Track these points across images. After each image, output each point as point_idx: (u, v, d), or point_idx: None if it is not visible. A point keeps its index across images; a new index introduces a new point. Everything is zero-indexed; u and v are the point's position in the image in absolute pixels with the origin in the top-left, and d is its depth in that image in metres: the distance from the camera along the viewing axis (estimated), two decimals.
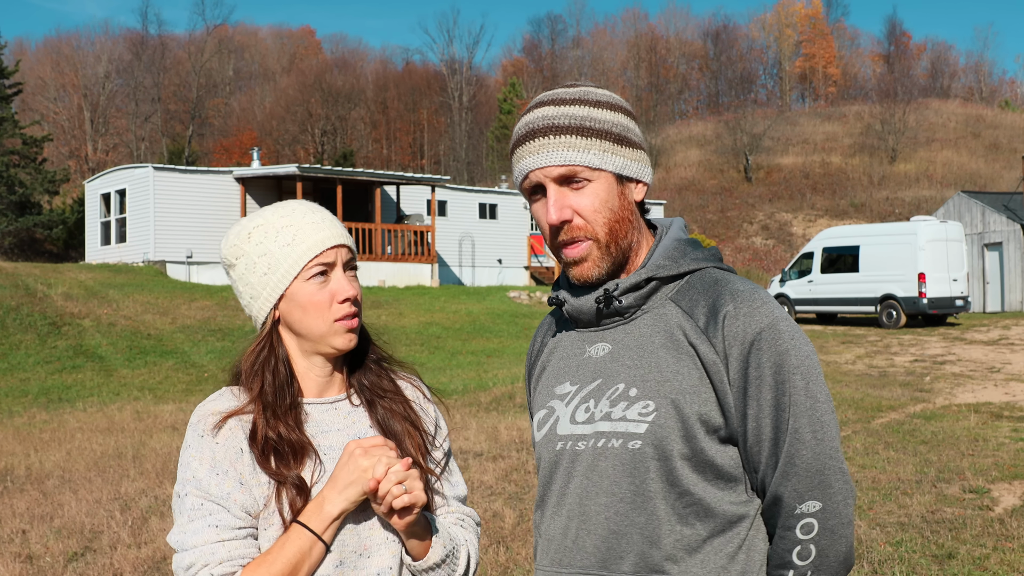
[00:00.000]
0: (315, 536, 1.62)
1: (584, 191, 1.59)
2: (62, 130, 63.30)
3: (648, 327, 1.63)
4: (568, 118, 1.59)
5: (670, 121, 72.86)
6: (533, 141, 1.60)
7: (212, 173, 28.69)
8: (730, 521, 1.56)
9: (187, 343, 18.04)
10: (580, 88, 1.65)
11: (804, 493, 1.53)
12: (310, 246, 1.71)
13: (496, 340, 19.44)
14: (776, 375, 1.54)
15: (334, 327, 1.72)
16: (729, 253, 43.80)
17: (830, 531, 1.53)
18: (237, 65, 79.18)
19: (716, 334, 1.56)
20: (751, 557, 1.57)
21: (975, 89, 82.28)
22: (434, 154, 72.64)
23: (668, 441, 1.55)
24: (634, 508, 1.56)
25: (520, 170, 1.63)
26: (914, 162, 55.01)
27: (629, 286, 1.62)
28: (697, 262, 1.66)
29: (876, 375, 14.93)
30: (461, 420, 10.81)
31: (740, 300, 1.57)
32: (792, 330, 1.58)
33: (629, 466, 1.57)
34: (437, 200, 30.52)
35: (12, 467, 9.00)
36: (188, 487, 1.65)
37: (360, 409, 1.82)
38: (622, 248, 1.63)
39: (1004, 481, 7.53)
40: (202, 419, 1.70)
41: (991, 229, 32.39)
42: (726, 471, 1.57)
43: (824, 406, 1.55)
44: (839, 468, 1.55)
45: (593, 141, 1.59)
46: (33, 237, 40.43)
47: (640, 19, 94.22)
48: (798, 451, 1.53)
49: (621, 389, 1.60)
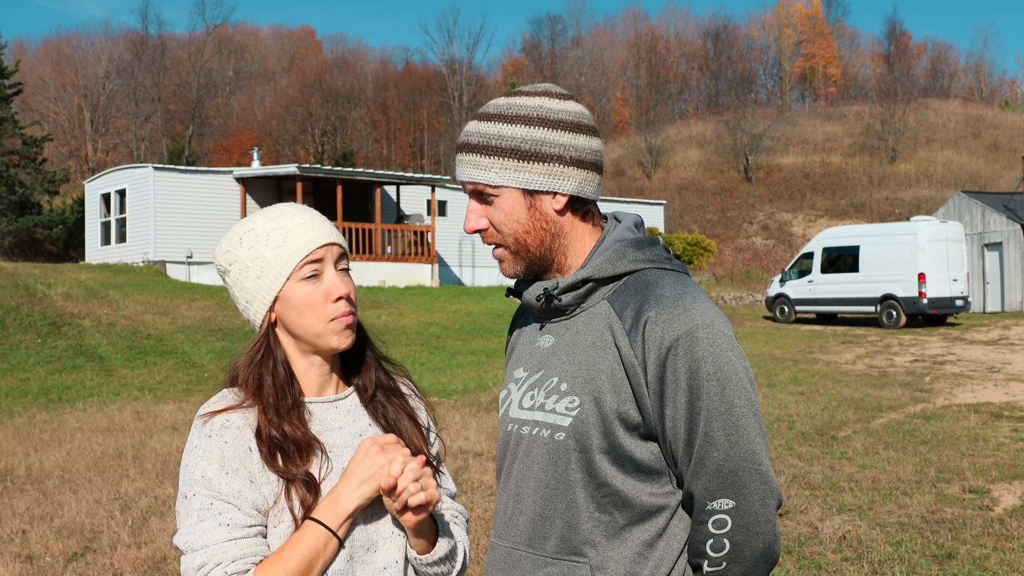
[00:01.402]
0: (330, 532, 1.64)
1: (494, 205, 1.72)
2: (62, 130, 63.30)
3: (584, 325, 1.72)
4: (478, 136, 1.70)
5: (670, 121, 72.86)
6: (457, 154, 1.75)
7: (212, 173, 28.69)
8: (648, 511, 1.65)
9: (187, 343, 18.04)
10: (511, 99, 1.72)
11: (715, 492, 1.61)
12: (300, 246, 1.73)
13: (496, 340, 19.44)
14: (690, 380, 1.60)
15: (329, 326, 1.73)
16: (729, 253, 43.81)
17: (744, 528, 1.61)
18: (237, 65, 79.19)
19: (637, 338, 1.63)
20: (670, 544, 1.66)
21: (975, 89, 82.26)
22: (434, 154, 72.64)
23: (588, 436, 1.65)
24: (557, 494, 1.68)
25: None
26: (914, 162, 55.00)
27: (567, 286, 1.71)
28: (635, 263, 1.72)
29: (876, 375, 14.93)
30: (461, 420, 10.81)
31: (663, 307, 1.63)
32: (712, 337, 1.62)
33: (554, 455, 1.69)
34: (437, 200, 30.52)
35: (12, 467, 9.00)
36: (196, 487, 1.65)
37: (360, 408, 1.83)
38: (534, 255, 1.73)
39: (1004, 481, 7.54)
40: (208, 420, 1.70)
41: (991, 229, 32.39)
42: (646, 465, 1.66)
43: (741, 411, 1.61)
44: (755, 469, 1.61)
45: (495, 160, 1.68)
46: (33, 237, 40.43)
47: (640, 19, 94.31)
48: (708, 453, 1.60)
49: (555, 382, 1.71)
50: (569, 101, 1.73)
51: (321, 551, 1.63)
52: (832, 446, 9.12)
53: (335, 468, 1.72)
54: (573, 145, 1.70)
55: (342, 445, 1.76)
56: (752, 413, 1.63)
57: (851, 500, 7.01)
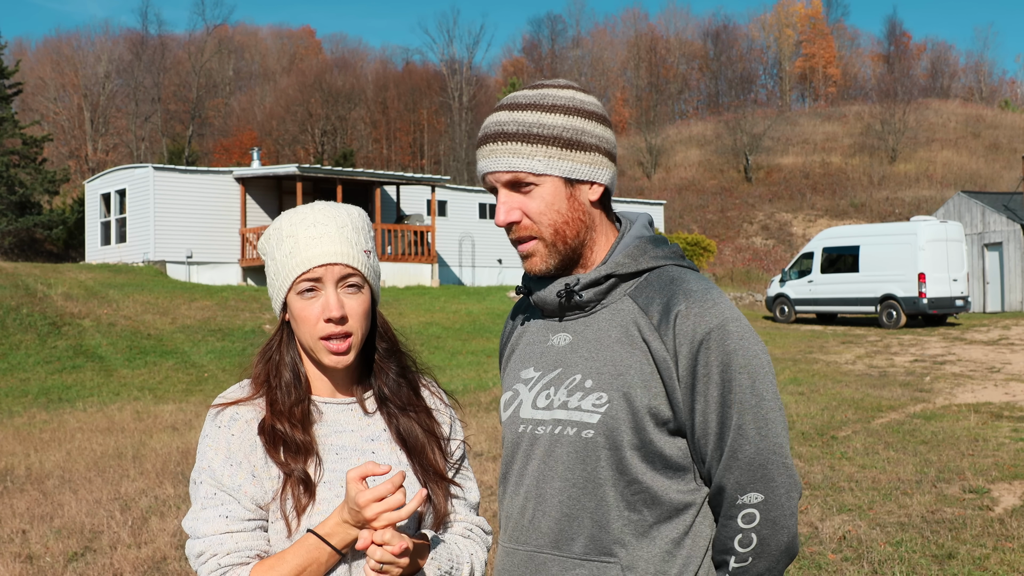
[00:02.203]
0: (334, 550, 1.66)
1: (532, 195, 1.67)
2: (62, 130, 63.28)
3: (606, 321, 1.70)
4: (516, 124, 1.66)
5: (670, 121, 72.85)
6: (486, 146, 1.69)
7: (212, 173, 28.69)
8: (677, 508, 1.65)
9: (187, 343, 18.04)
10: (540, 90, 1.70)
11: (746, 485, 1.61)
12: (300, 262, 1.72)
13: (496, 340, 19.42)
14: (723, 373, 1.61)
15: (318, 344, 1.73)
16: (729, 253, 43.81)
17: (771, 522, 1.61)
18: (237, 65, 79.17)
19: (668, 332, 1.63)
20: (696, 542, 1.65)
21: (975, 89, 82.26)
22: (434, 154, 72.62)
23: (619, 432, 1.63)
24: (585, 493, 1.65)
25: (478, 171, 1.73)
26: (914, 162, 55.01)
27: (589, 282, 1.70)
28: (656, 260, 1.72)
29: (876, 375, 14.93)
30: (461, 420, 10.81)
31: (692, 300, 1.64)
32: (741, 331, 1.64)
33: (582, 454, 1.66)
34: (437, 200, 30.51)
35: (12, 467, 9.00)
36: (204, 475, 1.71)
37: (377, 415, 1.82)
38: (571, 246, 1.70)
39: (1004, 481, 7.53)
40: (220, 411, 1.75)
41: (991, 229, 32.39)
42: (674, 461, 1.65)
43: (770, 404, 1.62)
44: (782, 463, 1.62)
45: (538, 148, 1.65)
46: (33, 237, 40.42)
47: (640, 19, 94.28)
48: (741, 446, 1.61)
49: (578, 379, 1.69)
50: (592, 95, 1.73)
51: (323, 565, 1.67)
52: (832, 446, 9.12)
53: (338, 471, 1.73)
54: (605, 137, 1.71)
55: (351, 448, 1.76)
56: (778, 407, 1.64)
57: (851, 500, 7.01)
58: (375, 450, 1.78)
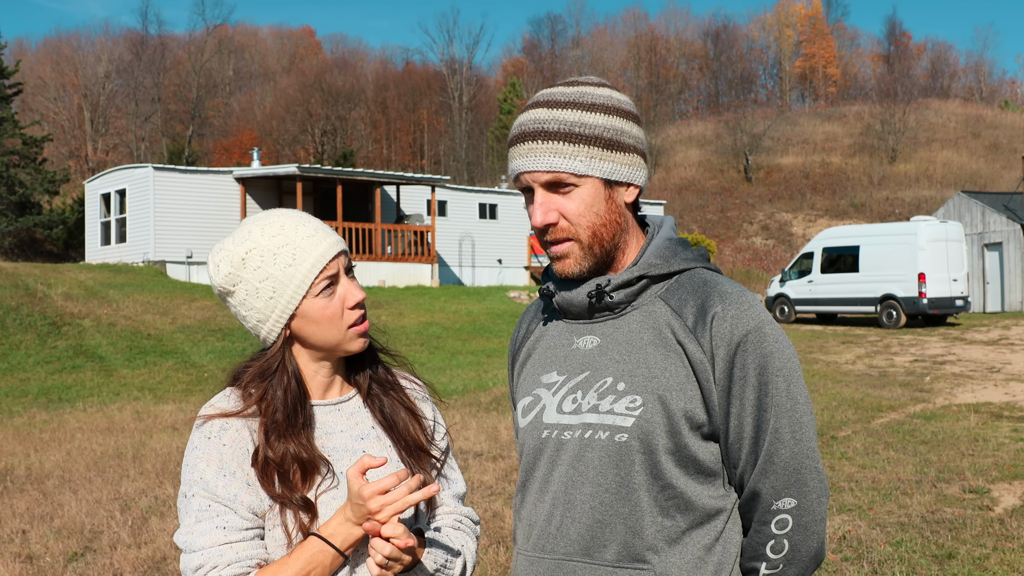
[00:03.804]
0: (337, 552, 1.66)
1: (570, 196, 1.63)
2: (62, 130, 63.27)
3: (637, 323, 1.67)
4: (558, 123, 1.61)
5: (670, 121, 72.85)
6: (523, 144, 1.63)
7: (212, 173, 28.68)
8: (708, 514, 1.62)
9: (187, 343, 18.04)
10: (578, 88, 1.66)
11: (781, 490, 1.58)
12: (313, 263, 1.71)
13: (496, 340, 19.43)
14: (760, 376, 1.59)
15: (348, 334, 1.74)
16: (729, 253, 43.81)
17: (803, 527, 1.59)
18: (237, 65, 79.16)
19: (704, 334, 1.61)
20: (727, 549, 1.63)
21: (975, 89, 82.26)
22: (434, 154, 72.63)
23: (654, 435, 1.59)
24: (618, 499, 1.61)
25: (512, 169, 1.68)
26: (914, 162, 55.01)
27: (621, 283, 1.66)
28: (687, 262, 1.70)
29: (876, 375, 14.93)
30: (461, 420, 10.81)
31: (728, 302, 1.62)
32: (776, 333, 1.62)
33: (615, 458, 1.61)
34: (437, 200, 30.50)
35: (12, 467, 9.00)
36: (195, 488, 1.66)
37: (363, 409, 1.83)
38: (606, 249, 1.67)
39: (1004, 481, 7.53)
40: (207, 421, 1.71)
41: (991, 229, 32.39)
42: (707, 466, 1.62)
43: (803, 407, 1.61)
44: (815, 467, 1.60)
45: (580, 148, 1.61)
46: (33, 237, 40.43)
47: (640, 19, 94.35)
48: (777, 450, 1.58)
49: (609, 383, 1.64)
50: (625, 94, 1.70)
51: (327, 568, 1.66)
52: (832, 446, 9.11)
53: (338, 474, 1.72)
54: (641, 138, 1.68)
55: (342, 449, 1.76)
56: (810, 411, 1.62)
57: (851, 500, 7.01)
58: (365, 448, 1.79)
